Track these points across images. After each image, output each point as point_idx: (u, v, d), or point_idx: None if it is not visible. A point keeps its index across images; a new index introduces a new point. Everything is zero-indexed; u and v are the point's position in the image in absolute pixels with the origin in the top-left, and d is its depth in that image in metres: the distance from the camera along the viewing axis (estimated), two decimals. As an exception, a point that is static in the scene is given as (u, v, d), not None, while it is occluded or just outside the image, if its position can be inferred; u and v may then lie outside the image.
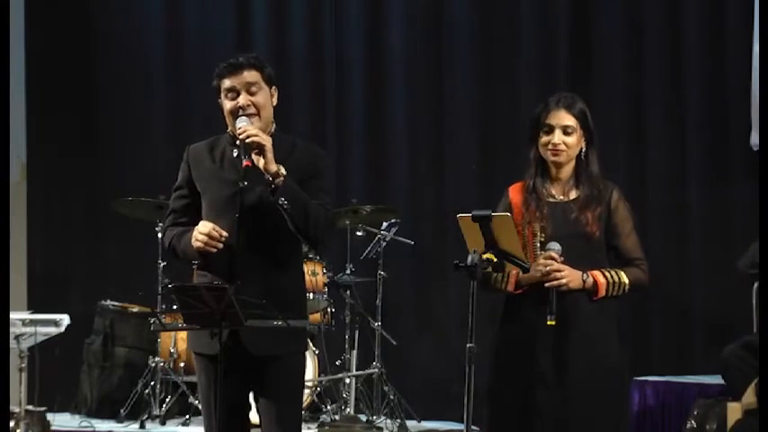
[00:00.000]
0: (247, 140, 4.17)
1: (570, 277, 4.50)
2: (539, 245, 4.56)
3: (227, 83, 4.33)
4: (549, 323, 4.43)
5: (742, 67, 7.60)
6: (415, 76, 8.46)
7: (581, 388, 4.48)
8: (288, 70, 8.44)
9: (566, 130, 4.60)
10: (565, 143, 4.60)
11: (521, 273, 4.52)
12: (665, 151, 7.89)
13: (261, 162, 4.16)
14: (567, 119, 4.60)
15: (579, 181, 4.64)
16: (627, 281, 4.58)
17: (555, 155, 4.61)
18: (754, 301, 6.72)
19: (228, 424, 4.25)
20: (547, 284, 4.48)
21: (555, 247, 4.51)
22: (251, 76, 4.31)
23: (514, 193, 4.70)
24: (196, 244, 4.23)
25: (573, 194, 4.64)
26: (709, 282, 7.61)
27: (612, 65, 8.00)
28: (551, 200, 4.64)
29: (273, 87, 4.38)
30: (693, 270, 7.79)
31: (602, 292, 4.54)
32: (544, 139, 4.62)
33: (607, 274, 4.56)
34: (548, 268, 4.47)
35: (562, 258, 4.50)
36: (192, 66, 8.76)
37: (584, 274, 4.53)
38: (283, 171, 4.17)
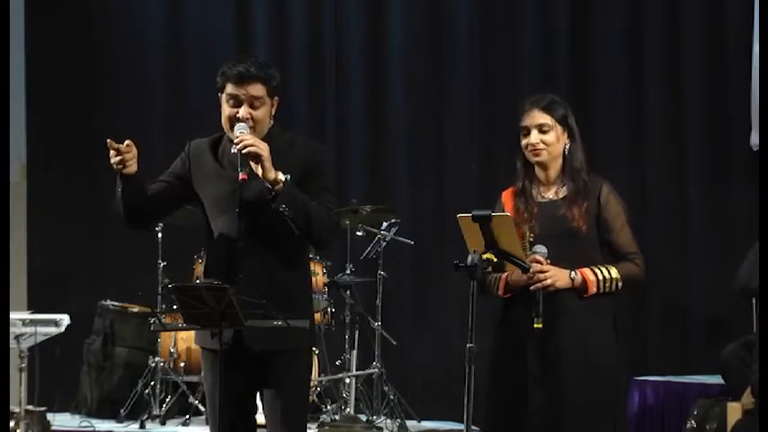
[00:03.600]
0: (244, 151, 4.16)
1: (556, 277, 4.48)
2: (528, 245, 4.55)
3: (230, 88, 4.29)
4: (535, 326, 4.43)
5: (742, 67, 7.60)
6: (415, 76, 8.46)
7: (574, 387, 4.46)
8: (288, 70, 8.44)
9: (541, 129, 4.60)
10: (543, 141, 4.59)
11: (510, 277, 4.52)
12: (665, 151, 7.89)
13: (259, 171, 4.14)
14: (540, 117, 4.61)
15: (569, 180, 4.63)
16: (618, 276, 4.54)
17: (536, 155, 4.61)
18: (753, 301, 6.72)
19: (233, 423, 4.25)
20: (532, 287, 4.48)
21: (540, 249, 4.50)
22: (256, 89, 4.28)
23: (507, 198, 4.70)
24: (113, 160, 4.21)
25: (562, 193, 4.64)
26: (709, 282, 7.61)
27: (612, 65, 8.00)
28: (541, 200, 4.64)
29: (275, 98, 4.37)
30: (693, 270, 7.79)
31: (593, 289, 4.51)
32: (524, 141, 4.63)
33: (597, 270, 4.53)
34: (532, 270, 4.46)
35: (548, 261, 4.50)
36: (191, 66, 8.76)
37: (573, 272, 4.50)
38: (281, 177, 4.15)
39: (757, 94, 7.38)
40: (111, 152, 4.24)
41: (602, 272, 4.53)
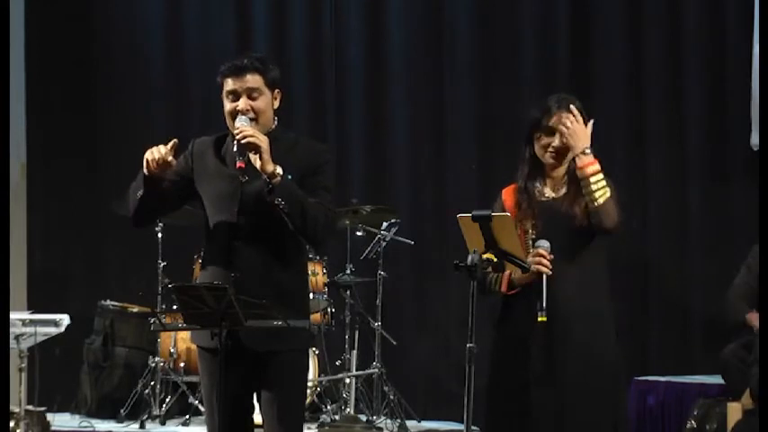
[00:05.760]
0: (243, 141, 4.18)
1: (576, 136, 4.45)
2: (530, 242, 4.55)
3: (229, 84, 4.33)
4: (540, 319, 4.42)
5: (742, 67, 7.60)
6: (415, 76, 8.46)
7: (575, 386, 4.46)
8: (288, 70, 8.44)
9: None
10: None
11: (513, 274, 4.51)
12: (665, 151, 7.89)
13: (257, 163, 4.16)
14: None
15: (571, 179, 4.62)
16: (604, 199, 4.43)
17: (555, 158, 4.60)
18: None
19: (231, 423, 4.25)
20: (538, 270, 4.41)
21: (544, 244, 4.50)
22: (253, 80, 4.31)
23: (507, 195, 4.69)
24: (154, 157, 4.23)
25: (563, 191, 4.63)
26: (709, 282, 7.60)
27: (612, 65, 8.00)
28: (543, 198, 4.63)
29: (276, 91, 4.38)
30: (693, 270, 7.79)
31: (587, 170, 4.44)
32: (544, 140, 4.58)
33: (599, 176, 4.47)
34: (533, 268, 4.45)
35: (551, 256, 4.49)
36: (191, 66, 8.76)
37: (587, 149, 4.46)
38: (280, 171, 4.16)
39: (757, 94, 7.38)
40: (155, 152, 4.22)
41: (600, 180, 4.47)
